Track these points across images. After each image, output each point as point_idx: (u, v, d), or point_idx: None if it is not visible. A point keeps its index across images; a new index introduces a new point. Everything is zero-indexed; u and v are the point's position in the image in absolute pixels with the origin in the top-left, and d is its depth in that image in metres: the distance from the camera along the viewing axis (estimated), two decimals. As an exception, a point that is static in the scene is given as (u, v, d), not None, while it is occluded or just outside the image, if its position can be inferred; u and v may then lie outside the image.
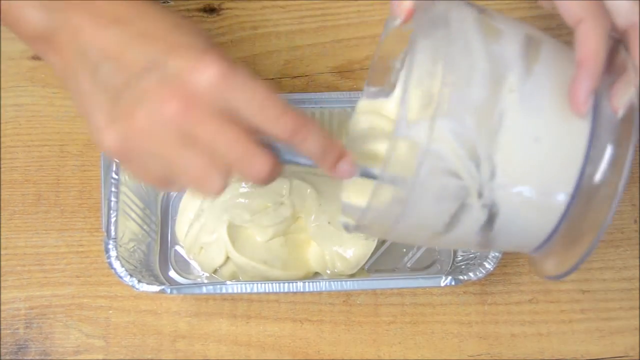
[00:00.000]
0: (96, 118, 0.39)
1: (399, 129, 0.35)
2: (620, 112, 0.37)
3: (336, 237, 0.56)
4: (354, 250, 0.56)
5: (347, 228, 0.44)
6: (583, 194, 0.37)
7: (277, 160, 0.39)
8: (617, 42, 0.40)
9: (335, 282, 0.52)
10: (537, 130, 0.37)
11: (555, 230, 0.39)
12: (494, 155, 0.36)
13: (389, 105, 0.46)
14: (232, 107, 0.38)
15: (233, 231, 0.55)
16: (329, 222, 0.56)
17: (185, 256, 0.59)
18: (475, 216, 0.38)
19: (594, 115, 0.37)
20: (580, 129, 0.37)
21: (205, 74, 0.37)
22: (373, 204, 0.37)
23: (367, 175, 0.41)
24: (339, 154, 0.40)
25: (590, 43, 0.38)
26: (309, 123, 0.38)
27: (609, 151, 0.37)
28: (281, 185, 0.57)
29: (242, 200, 0.56)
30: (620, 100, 0.37)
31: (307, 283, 0.52)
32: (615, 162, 0.36)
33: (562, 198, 0.37)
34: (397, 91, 0.45)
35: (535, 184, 0.37)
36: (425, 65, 0.36)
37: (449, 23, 0.38)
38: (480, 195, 0.37)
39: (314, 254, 0.57)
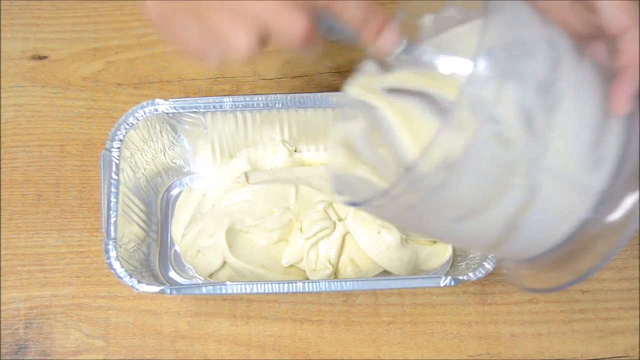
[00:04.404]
0: None
1: (470, 85, 0.33)
2: None
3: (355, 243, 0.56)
4: (369, 259, 0.56)
5: (353, 203, 0.40)
6: (610, 196, 0.37)
7: (314, 23, 0.36)
8: None
9: (335, 282, 0.52)
10: (586, 121, 0.37)
11: (572, 235, 0.38)
12: (550, 132, 0.36)
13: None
14: None
15: (231, 236, 0.55)
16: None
17: (185, 257, 0.59)
18: (514, 197, 0.36)
19: (629, 121, 0.37)
20: (617, 131, 0.37)
21: None
22: (423, 163, 0.34)
23: (410, 51, 0.39)
24: (382, 23, 0.37)
25: (636, 49, 0.38)
26: None
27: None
28: (287, 190, 0.56)
29: (246, 205, 0.56)
30: None
31: (307, 283, 0.52)
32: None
33: (590, 198, 0.37)
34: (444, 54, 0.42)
35: (576, 174, 0.37)
36: (497, 29, 0.35)
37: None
38: (526, 173, 0.36)
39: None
